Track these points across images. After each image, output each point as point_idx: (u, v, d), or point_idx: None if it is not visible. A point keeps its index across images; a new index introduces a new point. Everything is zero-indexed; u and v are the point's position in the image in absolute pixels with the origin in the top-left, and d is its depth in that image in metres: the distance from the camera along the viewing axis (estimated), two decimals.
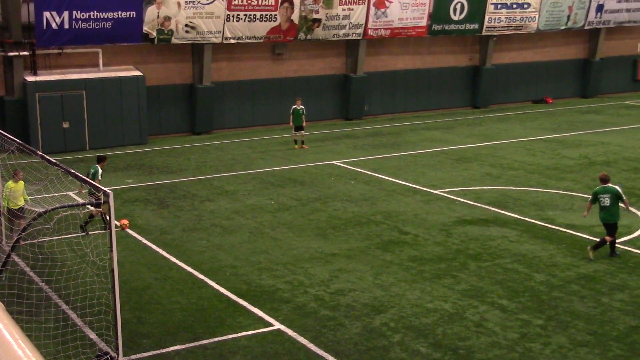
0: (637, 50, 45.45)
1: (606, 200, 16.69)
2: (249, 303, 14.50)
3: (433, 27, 36.91)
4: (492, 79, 40.16)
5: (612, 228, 16.81)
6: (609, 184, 16.90)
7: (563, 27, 40.91)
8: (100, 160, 19.62)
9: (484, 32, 38.60)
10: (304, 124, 29.50)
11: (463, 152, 28.86)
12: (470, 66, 40.01)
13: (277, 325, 13.49)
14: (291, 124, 29.72)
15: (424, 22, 36.51)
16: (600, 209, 16.88)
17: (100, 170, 19.18)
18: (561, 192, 22.72)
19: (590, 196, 17.34)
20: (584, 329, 13.28)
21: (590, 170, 25.49)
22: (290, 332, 13.23)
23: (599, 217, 17.00)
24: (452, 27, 37.55)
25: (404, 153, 28.78)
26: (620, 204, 16.84)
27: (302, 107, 29.52)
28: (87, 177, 19.23)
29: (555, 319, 13.66)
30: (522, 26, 39.41)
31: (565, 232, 18.80)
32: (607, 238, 16.82)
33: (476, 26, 38.11)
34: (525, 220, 19.82)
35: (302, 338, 12.98)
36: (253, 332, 13.26)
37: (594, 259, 16.64)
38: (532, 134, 32.44)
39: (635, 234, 18.45)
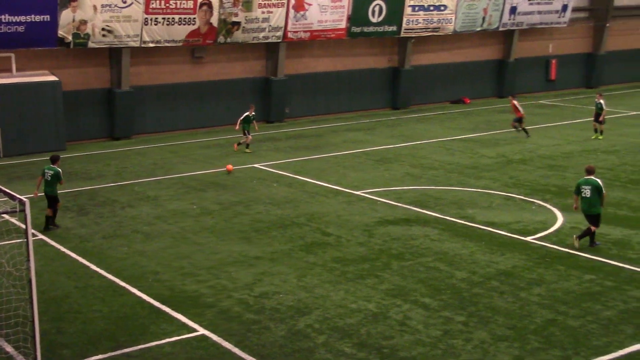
0: (549, 51, 46.76)
1: (586, 192, 17.26)
2: (172, 309, 14.35)
3: (352, 29, 37.20)
4: (411, 80, 40.71)
5: (593, 219, 17.36)
6: (592, 177, 17.41)
7: (479, 29, 41.80)
8: (54, 160, 19.69)
9: (402, 34, 39.11)
10: (256, 128, 30.26)
11: (384, 152, 29.18)
12: (389, 68, 40.48)
13: (202, 331, 13.39)
14: (237, 127, 29.67)
15: (343, 25, 36.77)
16: (581, 200, 17.45)
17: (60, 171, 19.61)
18: (480, 190, 23.19)
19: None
20: (504, 323, 13.59)
21: (507, 169, 26.09)
22: (214, 337, 13.14)
23: (580, 207, 17.56)
24: (371, 29, 37.92)
25: (326, 155, 28.93)
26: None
27: (254, 114, 29.71)
28: (44, 177, 19.50)
29: (476, 315, 13.94)
30: (439, 28, 40.09)
31: (485, 229, 19.20)
32: (592, 228, 17.42)
33: (394, 28, 38.58)
34: (445, 219, 20.16)
35: (226, 342, 12.91)
36: (177, 338, 13.12)
37: (579, 247, 17.26)
38: (451, 134, 33.02)
39: (551, 230, 18.98)
